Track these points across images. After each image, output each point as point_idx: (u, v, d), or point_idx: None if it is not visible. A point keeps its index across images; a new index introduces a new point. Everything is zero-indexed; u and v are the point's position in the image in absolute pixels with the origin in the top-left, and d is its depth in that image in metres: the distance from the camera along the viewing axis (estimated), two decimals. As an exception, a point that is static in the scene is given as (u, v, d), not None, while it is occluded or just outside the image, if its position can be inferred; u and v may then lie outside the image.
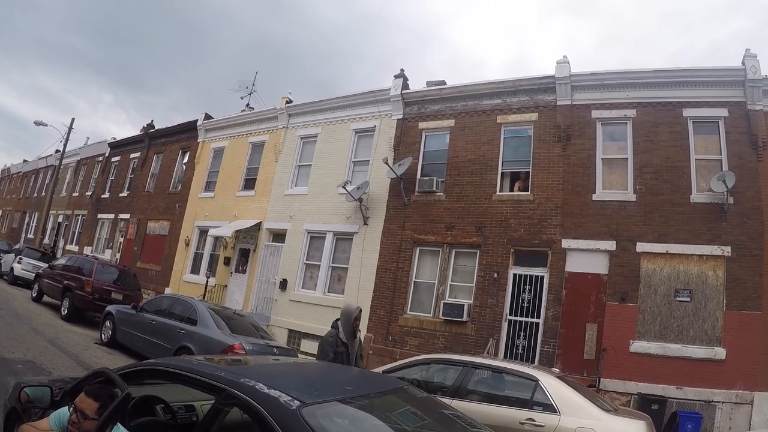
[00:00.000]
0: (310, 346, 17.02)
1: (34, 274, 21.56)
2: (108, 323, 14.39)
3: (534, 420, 6.72)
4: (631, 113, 14.18)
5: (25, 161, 51.80)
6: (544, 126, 15.21)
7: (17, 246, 30.67)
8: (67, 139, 34.74)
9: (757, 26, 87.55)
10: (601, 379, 12.54)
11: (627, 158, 14.02)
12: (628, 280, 13.10)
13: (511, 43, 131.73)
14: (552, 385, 7.09)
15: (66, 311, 17.12)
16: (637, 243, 13.22)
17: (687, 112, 13.63)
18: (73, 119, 36.26)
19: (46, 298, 19.58)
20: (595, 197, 14.03)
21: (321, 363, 6.42)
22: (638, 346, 12.58)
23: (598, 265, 13.60)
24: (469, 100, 16.73)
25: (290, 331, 18.09)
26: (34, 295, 20.22)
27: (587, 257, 13.75)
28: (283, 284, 18.83)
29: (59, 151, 36.54)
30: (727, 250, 12.47)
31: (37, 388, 4.18)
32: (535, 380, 7.21)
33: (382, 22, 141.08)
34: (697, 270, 12.70)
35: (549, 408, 6.80)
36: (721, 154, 13.24)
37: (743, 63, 13.14)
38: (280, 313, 18.63)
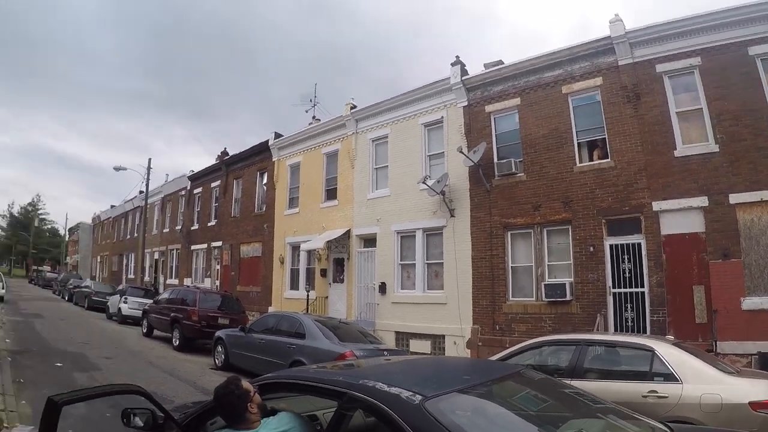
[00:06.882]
0: (419, 346, 17.41)
1: (141, 311, 22.77)
2: (219, 348, 15.15)
3: (657, 391, 6.61)
4: (696, 61, 13.59)
5: (112, 206, 54.24)
6: (610, 89, 14.89)
7: (120, 287, 32.34)
8: (148, 179, 36.27)
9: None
10: (717, 342, 12.00)
11: (701, 108, 13.48)
12: (727, 235, 12.53)
13: (570, 10, 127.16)
14: (670, 354, 6.95)
15: (177, 342, 18.13)
16: (729, 195, 12.64)
17: (753, 50, 12.90)
18: (150, 159, 37.88)
19: (156, 332, 20.77)
20: (677, 153, 13.59)
21: (432, 357, 6.35)
22: (750, 302, 12.00)
23: (694, 224, 13.10)
24: (530, 75, 16.57)
25: (397, 333, 18.40)
26: (144, 330, 21.47)
27: (681, 217, 13.30)
28: (382, 288, 19.18)
29: (143, 191, 38.20)
30: (825, 186, 11.95)
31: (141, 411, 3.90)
32: (651, 350, 7.08)
33: (434, 11, 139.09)
34: (797, 210, 12.19)
35: (670, 377, 6.65)
36: (800, 91, 12.62)
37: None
38: (383, 316, 18.97)
